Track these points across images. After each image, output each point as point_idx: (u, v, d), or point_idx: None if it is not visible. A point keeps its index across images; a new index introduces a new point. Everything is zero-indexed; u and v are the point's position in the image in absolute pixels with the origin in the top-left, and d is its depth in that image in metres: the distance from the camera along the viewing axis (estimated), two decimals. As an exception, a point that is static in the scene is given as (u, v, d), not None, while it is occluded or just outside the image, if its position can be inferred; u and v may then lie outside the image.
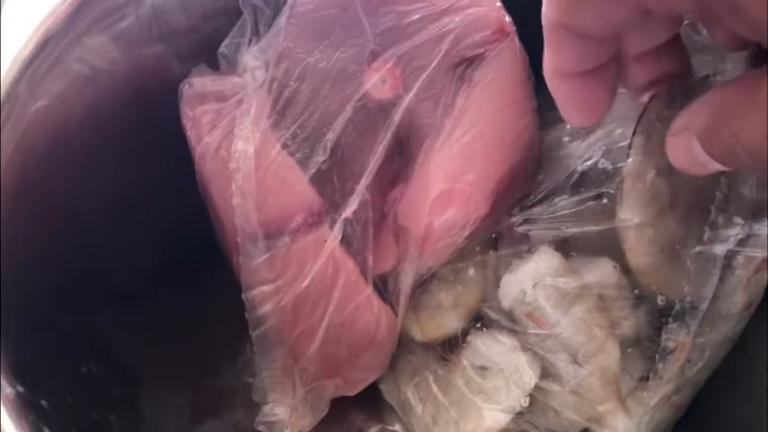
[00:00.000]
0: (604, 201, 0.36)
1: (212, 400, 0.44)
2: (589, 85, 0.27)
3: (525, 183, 0.38)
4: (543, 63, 0.27)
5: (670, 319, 0.32)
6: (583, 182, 0.37)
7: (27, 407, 0.25)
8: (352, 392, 0.40)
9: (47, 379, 0.28)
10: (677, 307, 0.32)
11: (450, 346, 0.37)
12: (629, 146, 0.32)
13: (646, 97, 0.31)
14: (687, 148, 0.24)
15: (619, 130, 0.37)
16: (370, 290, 0.38)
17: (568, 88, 0.27)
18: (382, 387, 0.42)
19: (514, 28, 0.38)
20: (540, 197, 0.37)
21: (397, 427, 0.47)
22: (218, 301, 0.46)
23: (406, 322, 0.39)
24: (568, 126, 0.40)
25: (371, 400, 0.46)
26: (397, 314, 0.39)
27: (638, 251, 0.34)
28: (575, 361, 0.33)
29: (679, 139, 0.25)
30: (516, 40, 0.38)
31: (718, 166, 0.24)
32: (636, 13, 0.23)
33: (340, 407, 0.42)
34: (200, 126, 0.38)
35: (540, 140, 0.39)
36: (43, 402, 0.27)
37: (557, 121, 0.41)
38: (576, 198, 0.36)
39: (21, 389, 0.26)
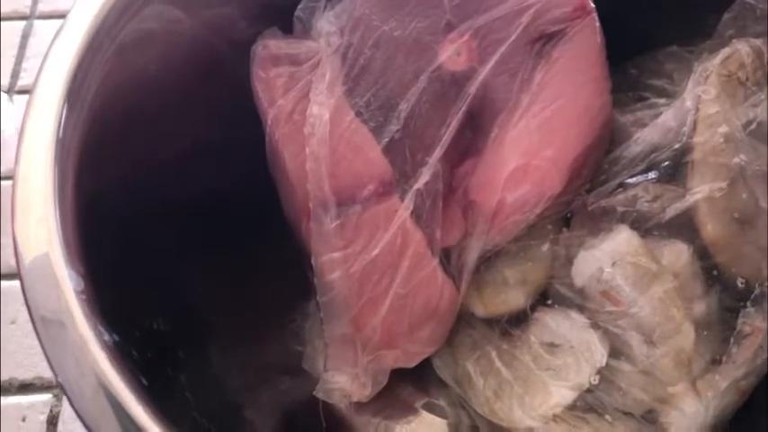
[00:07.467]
0: (678, 180, 0.36)
1: (265, 367, 0.44)
2: None
3: (598, 163, 0.38)
4: None
5: (748, 303, 0.32)
6: (656, 162, 0.37)
7: (124, 355, 0.25)
8: (411, 365, 0.40)
9: (132, 332, 0.28)
10: (757, 291, 0.32)
11: (518, 322, 0.37)
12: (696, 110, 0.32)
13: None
14: None
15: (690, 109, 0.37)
16: (436, 262, 0.38)
17: None
18: (436, 361, 0.42)
19: (594, 6, 0.38)
20: (614, 177, 0.36)
21: (441, 401, 0.47)
22: (270, 268, 0.46)
23: (465, 297, 0.39)
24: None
25: (417, 373, 0.46)
26: (458, 288, 0.39)
27: (711, 220, 0.33)
28: (649, 341, 0.33)
29: None
30: (596, 18, 0.38)
31: None
32: None
33: (386, 379, 0.41)
34: (274, 89, 0.37)
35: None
36: (134, 353, 0.27)
37: (626, 103, 0.41)
38: (651, 177, 0.36)
39: (116, 337, 0.26)
